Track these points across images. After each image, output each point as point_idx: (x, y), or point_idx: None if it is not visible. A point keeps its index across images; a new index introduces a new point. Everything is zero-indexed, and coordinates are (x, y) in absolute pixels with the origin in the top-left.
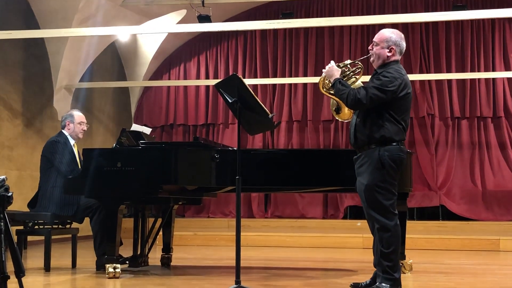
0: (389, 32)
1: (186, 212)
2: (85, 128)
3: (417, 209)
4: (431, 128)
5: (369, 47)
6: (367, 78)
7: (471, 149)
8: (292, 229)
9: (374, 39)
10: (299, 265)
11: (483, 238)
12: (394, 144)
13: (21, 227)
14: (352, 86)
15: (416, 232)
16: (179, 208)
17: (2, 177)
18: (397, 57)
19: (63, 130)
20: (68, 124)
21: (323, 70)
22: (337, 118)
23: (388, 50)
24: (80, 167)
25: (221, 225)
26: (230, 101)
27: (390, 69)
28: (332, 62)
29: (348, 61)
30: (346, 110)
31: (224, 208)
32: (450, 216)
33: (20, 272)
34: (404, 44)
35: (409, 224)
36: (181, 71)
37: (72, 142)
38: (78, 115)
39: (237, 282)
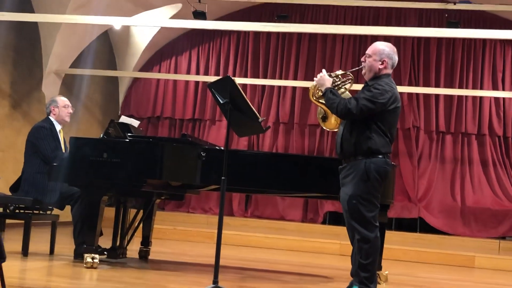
0: (382, 45)
1: (167, 206)
2: (71, 111)
3: (396, 220)
4: (416, 140)
5: (362, 59)
6: (357, 87)
7: (453, 164)
8: (271, 230)
9: (367, 51)
10: (276, 267)
11: (458, 253)
12: (380, 156)
13: (1, 210)
14: None
15: (393, 243)
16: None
17: None
18: (389, 70)
19: (49, 116)
20: (54, 109)
21: (315, 78)
22: (322, 127)
23: (380, 63)
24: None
25: (200, 221)
26: (221, 102)
27: (381, 81)
28: (324, 71)
29: (340, 72)
30: (332, 120)
31: (204, 204)
32: (427, 229)
33: (0, 258)
34: (396, 58)
35: (387, 234)
36: (172, 64)
37: (58, 128)
38: (61, 99)
39: (215, 282)
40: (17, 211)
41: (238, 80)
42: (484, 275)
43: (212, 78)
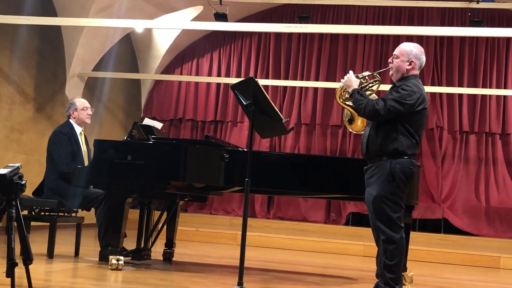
0: (410, 45)
1: (189, 207)
2: (90, 113)
3: (420, 221)
4: (439, 140)
5: (389, 60)
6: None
7: (477, 164)
8: (293, 232)
9: (394, 52)
10: (299, 269)
11: (484, 254)
12: (405, 157)
13: (25, 212)
14: None
15: (417, 244)
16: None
17: (17, 164)
18: (416, 71)
19: (69, 120)
20: (73, 113)
21: (342, 80)
22: (349, 129)
23: (408, 64)
24: (83, 156)
25: (223, 222)
26: (244, 103)
27: (409, 83)
28: (351, 72)
29: (367, 73)
30: (359, 122)
31: (226, 206)
32: (452, 229)
33: (28, 260)
34: (424, 59)
35: (411, 235)
36: (193, 66)
37: (78, 130)
38: (79, 101)
39: (240, 283)
40: (42, 213)
41: (260, 81)
42: (509, 276)
43: (233, 80)
